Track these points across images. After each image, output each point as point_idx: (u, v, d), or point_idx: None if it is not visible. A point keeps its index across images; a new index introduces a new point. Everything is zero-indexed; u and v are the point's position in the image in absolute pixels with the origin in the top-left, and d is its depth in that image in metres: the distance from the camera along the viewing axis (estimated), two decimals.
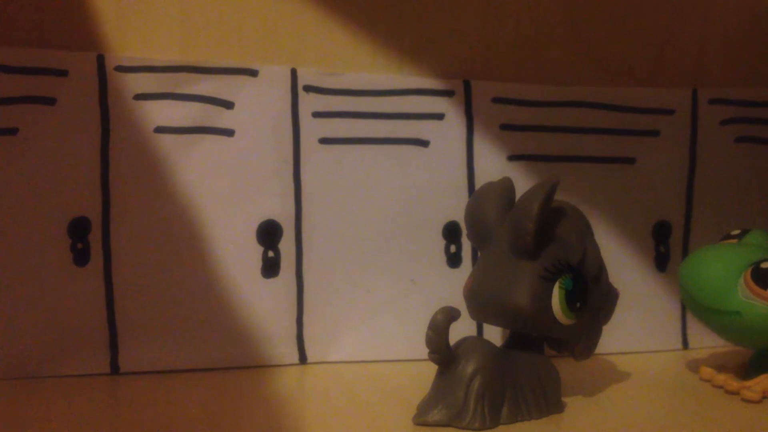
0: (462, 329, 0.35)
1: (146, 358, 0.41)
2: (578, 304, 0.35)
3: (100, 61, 0.40)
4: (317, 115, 0.43)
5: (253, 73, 0.42)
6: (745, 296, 0.37)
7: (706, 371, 0.41)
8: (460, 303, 0.35)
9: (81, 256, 0.40)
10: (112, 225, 0.40)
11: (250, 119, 0.42)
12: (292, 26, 0.42)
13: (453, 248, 0.44)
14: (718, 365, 0.41)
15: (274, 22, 0.42)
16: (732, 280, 0.37)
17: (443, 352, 0.33)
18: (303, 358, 0.43)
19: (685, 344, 0.47)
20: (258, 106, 0.42)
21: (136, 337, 0.41)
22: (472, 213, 0.37)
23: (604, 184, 0.46)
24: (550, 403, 0.35)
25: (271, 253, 0.42)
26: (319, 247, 0.43)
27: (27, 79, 0.39)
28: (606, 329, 0.37)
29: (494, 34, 0.44)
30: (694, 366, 0.43)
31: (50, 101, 0.39)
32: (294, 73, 0.42)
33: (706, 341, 0.46)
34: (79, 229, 0.40)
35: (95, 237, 0.40)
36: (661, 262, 0.47)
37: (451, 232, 0.44)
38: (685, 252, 0.47)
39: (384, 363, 0.43)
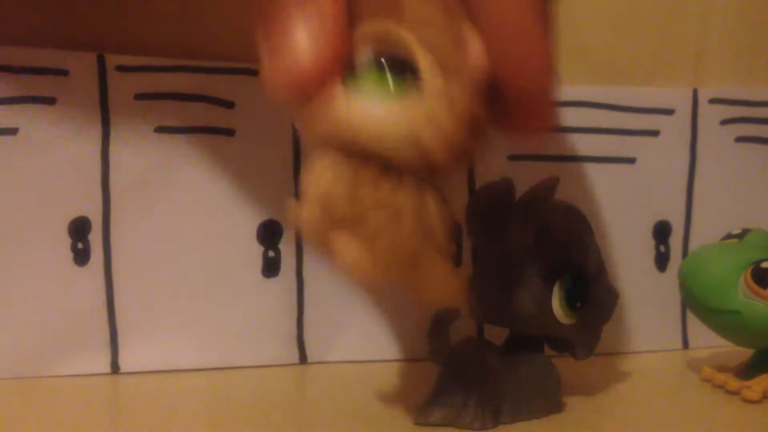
0: (462, 329, 0.35)
1: (146, 358, 0.41)
2: (578, 304, 0.35)
3: (100, 61, 0.40)
4: None
5: (253, 72, 0.42)
6: (745, 296, 0.37)
7: (706, 371, 0.41)
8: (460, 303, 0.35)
9: (81, 256, 0.40)
10: (112, 225, 0.40)
11: (250, 119, 0.42)
12: None
13: (453, 248, 0.44)
14: (718, 365, 0.41)
15: None
16: (732, 280, 0.37)
17: (443, 353, 0.33)
18: (303, 358, 0.43)
19: (685, 344, 0.47)
20: (258, 106, 0.42)
21: (136, 337, 0.41)
22: (472, 213, 0.37)
23: (604, 184, 0.46)
24: (550, 403, 0.35)
25: (271, 253, 0.42)
26: None
27: (27, 79, 0.39)
28: (606, 329, 0.37)
29: None
30: (694, 366, 0.43)
31: (50, 101, 0.39)
32: None
33: (706, 341, 0.46)
34: (79, 229, 0.40)
35: (95, 237, 0.40)
36: (661, 262, 0.47)
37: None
38: (685, 252, 0.47)
39: (384, 363, 0.43)
